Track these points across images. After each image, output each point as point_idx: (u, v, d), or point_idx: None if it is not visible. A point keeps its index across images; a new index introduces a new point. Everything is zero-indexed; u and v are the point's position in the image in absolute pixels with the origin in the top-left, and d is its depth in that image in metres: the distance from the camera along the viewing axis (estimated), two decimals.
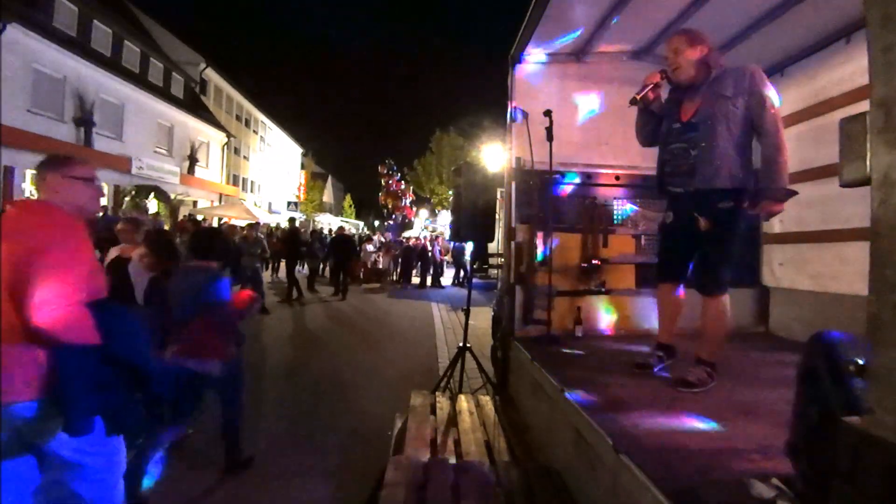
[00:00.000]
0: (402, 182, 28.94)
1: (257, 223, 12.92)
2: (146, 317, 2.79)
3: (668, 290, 2.77)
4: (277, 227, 20.81)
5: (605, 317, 4.04)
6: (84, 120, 14.22)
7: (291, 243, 11.25)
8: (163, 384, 1.84)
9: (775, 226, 4.09)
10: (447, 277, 16.38)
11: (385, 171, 27.07)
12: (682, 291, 2.73)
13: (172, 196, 17.04)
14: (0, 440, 1.58)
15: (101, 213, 10.32)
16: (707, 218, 2.44)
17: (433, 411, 3.17)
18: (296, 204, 35.64)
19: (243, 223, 13.55)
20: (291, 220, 12.87)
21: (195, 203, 20.70)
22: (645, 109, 2.72)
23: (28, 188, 12.63)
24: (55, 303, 1.53)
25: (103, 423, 1.69)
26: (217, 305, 2.70)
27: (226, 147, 24.78)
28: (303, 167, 42.29)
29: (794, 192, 2.37)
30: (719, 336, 2.55)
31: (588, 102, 4.21)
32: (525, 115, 3.98)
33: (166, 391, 1.90)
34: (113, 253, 3.70)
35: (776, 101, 2.38)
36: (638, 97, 2.63)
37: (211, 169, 23.24)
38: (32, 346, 1.55)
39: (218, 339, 2.71)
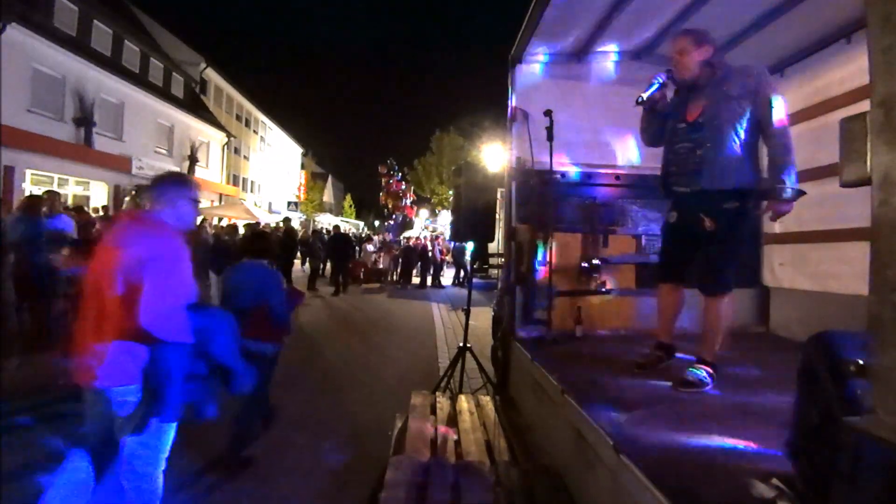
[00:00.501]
0: (403, 182, 28.95)
1: (257, 223, 12.91)
2: None
3: (668, 290, 2.76)
4: (278, 226, 20.75)
5: (605, 317, 4.04)
6: (84, 120, 14.21)
7: (287, 245, 11.19)
8: (245, 381, 2.09)
9: (775, 226, 4.08)
10: (447, 277, 16.37)
11: (386, 171, 27.03)
12: (682, 291, 2.73)
13: None
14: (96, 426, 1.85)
15: (101, 214, 10.32)
16: (712, 218, 2.43)
17: (433, 411, 3.17)
18: (296, 204, 35.62)
19: (242, 223, 13.55)
20: (286, 219, 12.76)
21: None
22: (650, 109, 2.71)
23: (28, 188, 12.62)
24: (158, 306, 1.75)
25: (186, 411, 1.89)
26: (273, 296, 3.09)
27: (226, 147, 24.76)
28: (303, 167, 42.27)
29: (803, 192, 2.36)
30: (720, 336, 2.55)
31: (588, 102, 4.20)
32: (525, 115, 3.98)
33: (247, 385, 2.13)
34: None
35: (782, 101, 2.38)
36: (644, 97, 2.61)
37: (211, 169, 23.22)
38: (136, 341, 1.76)
39: (273, 326, 3.09)
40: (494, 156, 9.57)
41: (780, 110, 2.34)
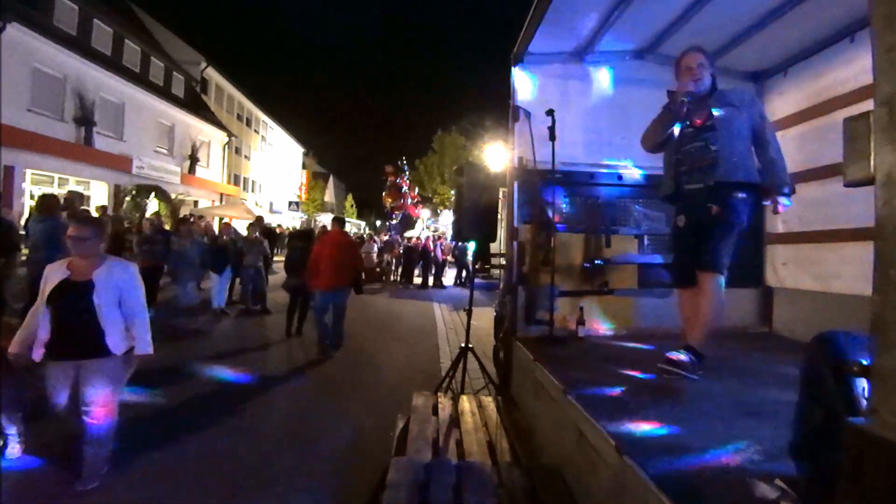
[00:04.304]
0: (408, 182, 28.95)
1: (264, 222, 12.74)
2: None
3: (689, 297, 2.76)
4: (279, 227, 20.70)
5: (607, 317, 4.03)
6: (84, 119, 14.23)
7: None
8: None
9: (778, 226, 4.08)
10: (449, 277, 16.36)
11: (394, 171, 27.01)
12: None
13: (173, 196, 17.04)
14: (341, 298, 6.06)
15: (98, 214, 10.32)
16: (719, 206, 2.55)
17: (435, 412, 3.17)
18: (297, 204, 35.62)
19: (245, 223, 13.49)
20: (259, 218, 11.87)
21: (196, 203, 20.72)
22: (671, 113, 2.77)
23: (28, 188, 12.64)
24: (357, 257, 6.60)
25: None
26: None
27: (227, 146, 24.79)
28: (304, 167, 42.28)
29: (794, 190, 2.63)
30: (709, 320, 2.56)
31: (590, 101, 4.20)
32: (527, 114, 3.97)
33: None
34: (56, 276, 2.56)
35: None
36: (686, 98, 2.69)
37: (212, 168, 23.25)
38: (351, 270, 6.13)
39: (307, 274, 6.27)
40: (496, 155, 9.54)
41: (769, 121, 2.73)
